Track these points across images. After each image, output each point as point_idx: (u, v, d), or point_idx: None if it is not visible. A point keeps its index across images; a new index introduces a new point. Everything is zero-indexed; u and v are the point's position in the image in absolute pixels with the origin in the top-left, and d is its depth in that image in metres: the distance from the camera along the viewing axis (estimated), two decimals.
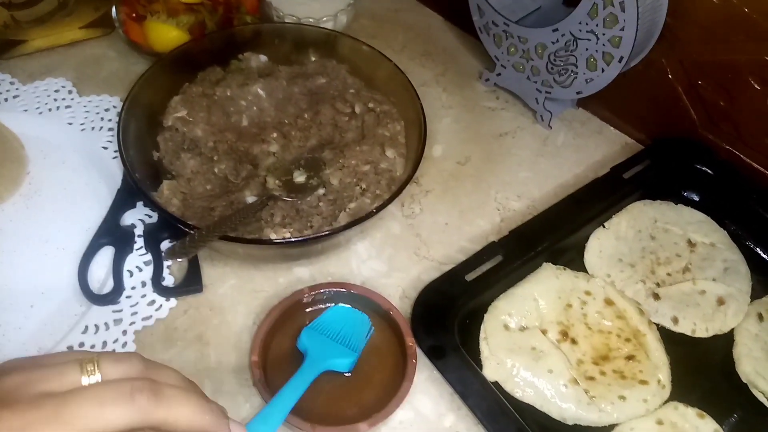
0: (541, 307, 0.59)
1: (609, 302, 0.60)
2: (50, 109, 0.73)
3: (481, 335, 0.57)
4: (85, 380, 0.33)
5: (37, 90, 0.75)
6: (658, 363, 0.56)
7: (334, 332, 0.55)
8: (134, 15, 0.75)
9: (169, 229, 0.62)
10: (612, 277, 0.62)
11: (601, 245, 0.65)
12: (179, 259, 0.61)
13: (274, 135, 0.66)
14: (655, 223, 0.66)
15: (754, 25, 0.61)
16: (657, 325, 0.59)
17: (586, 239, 0.65)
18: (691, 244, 0.65)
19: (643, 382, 0.55)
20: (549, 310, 0.59)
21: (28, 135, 0.69)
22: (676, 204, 0.68)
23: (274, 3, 0.80)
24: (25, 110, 0.72)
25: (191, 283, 0.60)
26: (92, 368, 0.34)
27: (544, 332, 0.57)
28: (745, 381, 0.56)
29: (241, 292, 0.61)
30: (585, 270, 0.63)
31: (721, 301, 0.60)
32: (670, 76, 0.70)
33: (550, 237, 0.63)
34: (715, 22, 0.63)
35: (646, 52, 0.70)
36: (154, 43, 0.75)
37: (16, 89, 0.74)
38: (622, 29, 0.64)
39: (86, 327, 0.56)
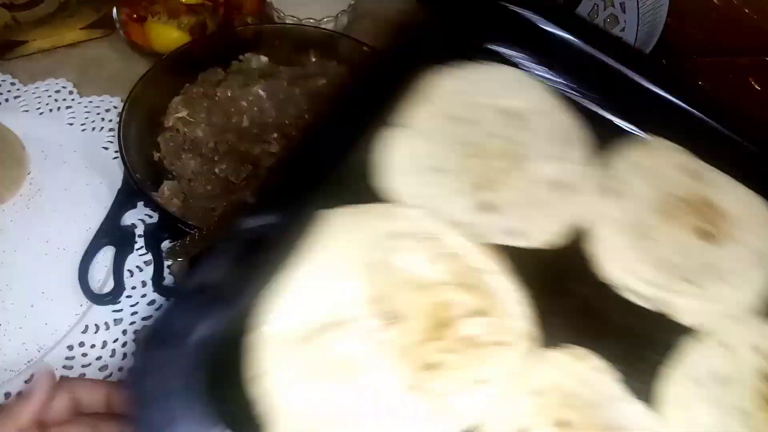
0: (326, 292, 0.37)
1: (431, 238, 0.40)
2: (51, 110, 0.73)
3: (252, 373, 0.33)
4: None
5: (38, 91, 0.74)
6: (514, 307, 0.39)
7: None
8: (135, 16, 0.75)
9: (169, 229, 0.62)
10: (427, 198, 0.42)
11: (403, 154, 0.43)
12: (180, 259, 0.61)
13: (275, 136, 0.66)
14: (462, 98, 0.47)
15: (754, 26, 0.61)
16: (501, 246, 0.41)
17: (377, 153, 0.43)
18: (507, 114, 0.47)
19: (501, 344, 0.37)
20: (350, 290, 0.37)
21: (28, 135, 0.69)
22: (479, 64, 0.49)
23: (275, 4, 0.80)
24: (26, 111, 0.72)
25: None
26: None
27: (347, 326, 0.36)
28: (615, 284, 0.42)
29: None
30: (384, 201, 0.41)
31: (560, 184, 0.45)
32: None
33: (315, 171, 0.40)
34: (716, 23, 0.64)
35: (647, 52, 0.70)
36: (155, 43, 0.75)
37: (17, 90, 0.74)
38: (623, 30, 0.64)
39: (86, 327, 0.56)
